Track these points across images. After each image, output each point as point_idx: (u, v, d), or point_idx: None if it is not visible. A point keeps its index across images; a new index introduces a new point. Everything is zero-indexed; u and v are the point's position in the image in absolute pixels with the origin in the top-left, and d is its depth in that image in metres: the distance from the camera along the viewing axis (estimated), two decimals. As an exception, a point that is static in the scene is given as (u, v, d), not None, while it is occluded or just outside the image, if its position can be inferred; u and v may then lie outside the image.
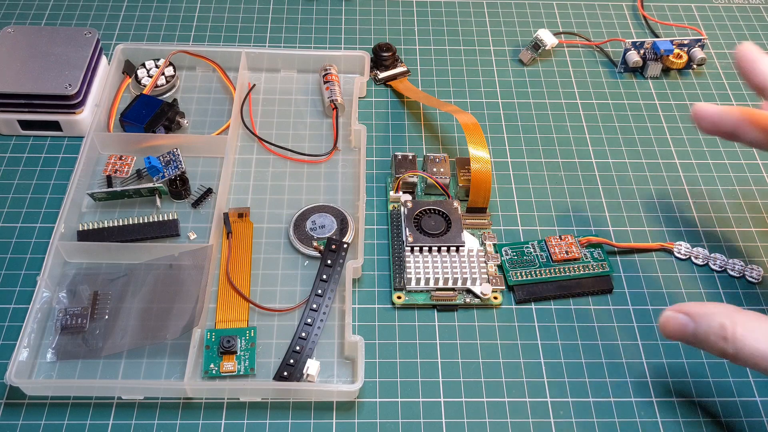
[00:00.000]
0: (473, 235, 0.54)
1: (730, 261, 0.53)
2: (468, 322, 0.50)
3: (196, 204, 0.55)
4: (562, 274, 0.51)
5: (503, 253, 0.52)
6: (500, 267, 0.52)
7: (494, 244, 0.53)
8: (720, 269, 0.53)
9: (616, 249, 0.54)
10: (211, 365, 0.46)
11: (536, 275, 0.51)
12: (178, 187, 0.55)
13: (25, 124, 0.59)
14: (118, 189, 0.54)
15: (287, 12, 0.72)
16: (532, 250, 0.53)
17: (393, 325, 0.50)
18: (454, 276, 0.50)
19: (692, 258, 0.53)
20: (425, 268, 0.50)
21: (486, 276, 0.51)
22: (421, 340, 0.49)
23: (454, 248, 0.51)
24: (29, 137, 0.60)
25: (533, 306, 0.51)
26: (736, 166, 0.60)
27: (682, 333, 0.41)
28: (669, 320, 0.42)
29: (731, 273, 0.53)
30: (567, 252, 0.52)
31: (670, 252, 0.54)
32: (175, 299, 0.49)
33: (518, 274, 0.51)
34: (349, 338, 0.47)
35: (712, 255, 0.53)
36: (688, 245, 0.54)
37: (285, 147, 0.59)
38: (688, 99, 0.65)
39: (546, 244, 0.53)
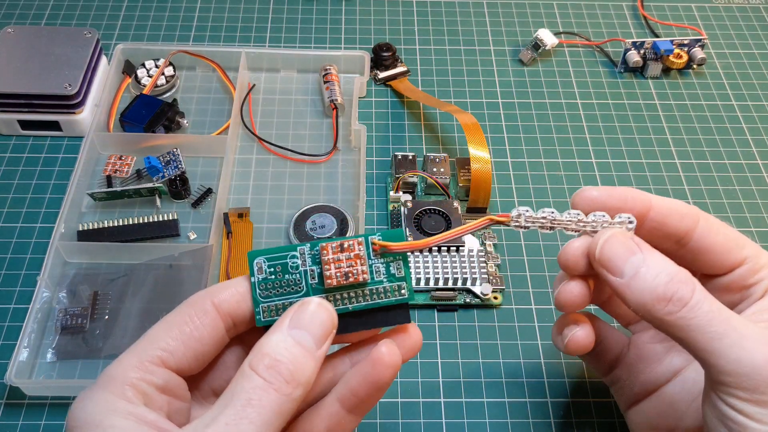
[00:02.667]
0: (473, 235, 0.54)
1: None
2: (468, 322, 0.50)
3: (196, 204, 0.55)
4: (341, 306, 0.32)
5: (255, 268, 0.32)
6: (255, 292, 0.32)
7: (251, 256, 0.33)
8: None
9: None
10: (210, 365, 0.45)
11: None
12: (178, 187, 0.55)
13: (25, 124, 0.59)
14: (118, 189, 0.54)
15: (287, 12, 0.72)
16: (299, 262, 0.33)
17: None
18: (454, 276, 0.50)
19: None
20: (425, 268, 0.50)
21: (486, 276, 0.51)
22: (421, 340, 0.49)
23: (454, 248, 0.51)
24: (29, 137, 0.60)
25: (533, 306, 0.51)
26: (736, 166, 0.60)
27: (621, 262, 0.33)
28: (616, 239, 0.33)
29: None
30: (348, 274, 0.32)
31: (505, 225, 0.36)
32: (175, 299, 0.49)
33: (270, 309, 0.32)
34: (349, 338, 0.47)
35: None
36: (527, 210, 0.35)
37: (285, 147, 0.59)
38: (688, 99, 0.65)
39: (320, 254, 0.32)
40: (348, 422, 0.32)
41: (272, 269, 0.32)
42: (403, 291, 0.33)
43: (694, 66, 0.68)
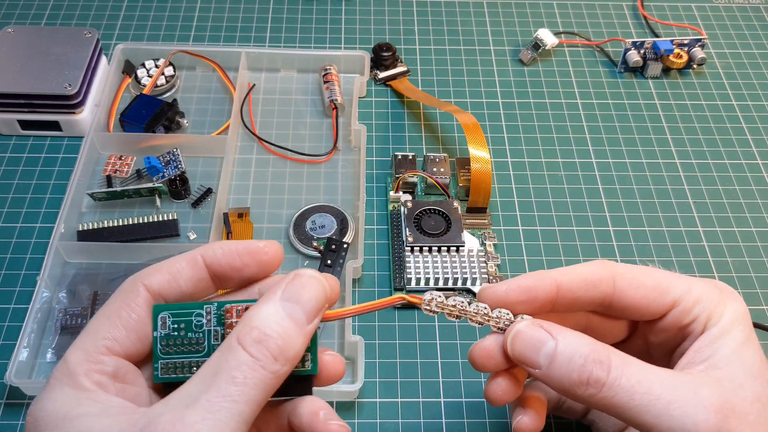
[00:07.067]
0: (473, 235, 0.54)
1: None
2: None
3: (196, 204, 0.55)
4: None
5: (158, 322, 0.31)
6: (156, 346, 0.31)
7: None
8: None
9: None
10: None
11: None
12: (178, 187, 0.55)
13: (25, 124, 0.59)
14: (118, 189, 0.54)
15: (287, 12, 0.72)
16: (204, 321, 0.31)
17: (393, 325, 0.50)
18: (454, 276, 0.50)
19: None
20: (425, 268, 0.50)
21: (486, 276, 0.51)
22: (421, 340, 0.49)
23: (454, 248, 0.51)
24: (29, 137, 0.60)
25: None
26: (736, 166, 0.60)
27: (534, 354, 0.32)
28: (524, 333, 0.33)
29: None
30: None
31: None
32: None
33: (169, 366, 0.31)
34: (349, 338, 0.47)
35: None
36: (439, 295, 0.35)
37: (285, 147, 0.59)
38: (688, 99, 0.65)
39: (224, 315, 0.31)
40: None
41: (176, 325, 0.31)
42: (307, 363, 0.31)
43: (694, 66, 0.68)
